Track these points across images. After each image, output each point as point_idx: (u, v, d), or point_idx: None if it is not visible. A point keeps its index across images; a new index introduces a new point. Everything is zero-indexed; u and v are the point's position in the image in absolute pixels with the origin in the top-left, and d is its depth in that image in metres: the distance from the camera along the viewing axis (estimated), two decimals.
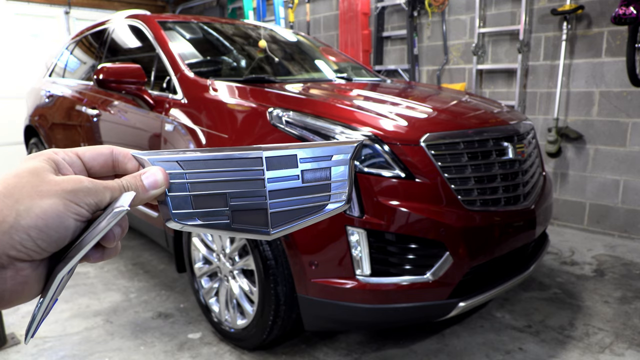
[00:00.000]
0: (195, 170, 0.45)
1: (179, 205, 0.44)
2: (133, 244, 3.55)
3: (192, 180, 0.45)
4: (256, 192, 0.46)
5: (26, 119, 4.27)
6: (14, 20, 6.21)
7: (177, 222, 0.45)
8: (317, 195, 0.49)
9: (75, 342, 2.21)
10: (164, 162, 0.44)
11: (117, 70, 2.35)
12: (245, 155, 0.46)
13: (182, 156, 0.45)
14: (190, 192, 0.45)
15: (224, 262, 2.11)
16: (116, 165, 0.44)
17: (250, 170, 0.46)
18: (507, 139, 2.01)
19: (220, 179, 0.45)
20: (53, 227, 0.36)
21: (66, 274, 0.37)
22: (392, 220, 1.68)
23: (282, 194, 0.48)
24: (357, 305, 1.72)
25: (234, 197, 0.46)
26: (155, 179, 0.43)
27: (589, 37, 3.56)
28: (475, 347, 2.12)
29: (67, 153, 0.42)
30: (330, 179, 0.50)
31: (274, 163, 0.47)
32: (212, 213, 0.45)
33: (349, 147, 0.51)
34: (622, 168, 3.53)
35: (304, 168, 0.49)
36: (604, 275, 2.88)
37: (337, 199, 0.50)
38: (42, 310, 0.37)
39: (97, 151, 0.44)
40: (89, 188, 0.39)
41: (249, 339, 2.04)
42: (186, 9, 7.63)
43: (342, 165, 0.50)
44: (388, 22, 4.95)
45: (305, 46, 3.38)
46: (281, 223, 0.48)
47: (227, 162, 0.46)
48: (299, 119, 1.84)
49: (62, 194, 0.37)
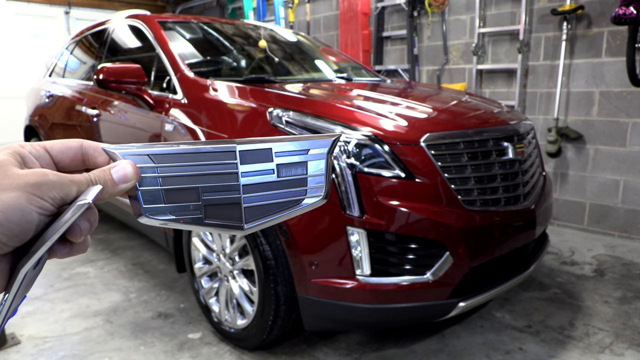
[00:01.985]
0: (166, 164, 0.44)
1: (150, 200, 0.43)
2: (133, 244, 3.55)
3: (163, 174, 0.44)
4: (230, 186, 0.46)
5: (26, 119, 4.27)
6: (14, 20, 6.21)
7: (149, 217, 0.44)
8: (293, 189, 0.49)
9: (75, 342, 2.21)
10: (135, 155, 0.43)
11: (117, 70, 2.35)
12: (218, 148, 0.45)
13: (153, 150, 0.44)
14: (162, 187, 0.44)
15: (224, 262, 2.11)
16: (86, 159, 0.44)
17: (224, 164, 0.45)
18: (507, 139, 2.01)
19: (193, 173, 0.45)
20: (14, 221, 0.35)
21: (30, 268, 0.36)
22: (392, 220, 1.68)
23: (257, 188, 0.47)
24: (357, 305, 1.72)
25: (207, 191, 0.45)
26: (124, 173, 0.42)
27: (589, 37, 3.56)
28: (475, 347, 2.12)
29: (34, 146, 0.41)
30: (306, 173, 0.49)
31: (248, 157, 0.46)
32: (184, 208, 0.44)
33: (326, 142, 0.50)
34: (622, 168, 3.53)
35: (279, 162, 0.48)
36: (604, 275, 2.88)
37: (314, 194, 0.49)
38: (7, 306, 0.36)
39: (66, 145, 0.43)
40: (54, 181, 0.38)
41: (249, 339, 2.04)
42: (186, 9, 7.63)
43: (319, 160, 0.50)
44: (388, 22, 4.95)
45: (305, 46, 3.38)
46: (255, 218, 0.47)
47: (200, 155, 0.45)
48: (299, 119, 1.84)
49: (25, 187, 0.36)
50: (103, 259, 3.27)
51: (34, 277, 0.39)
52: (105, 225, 3.99)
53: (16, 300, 0.37)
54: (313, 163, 0.49)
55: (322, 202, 0.50)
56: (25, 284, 0.38)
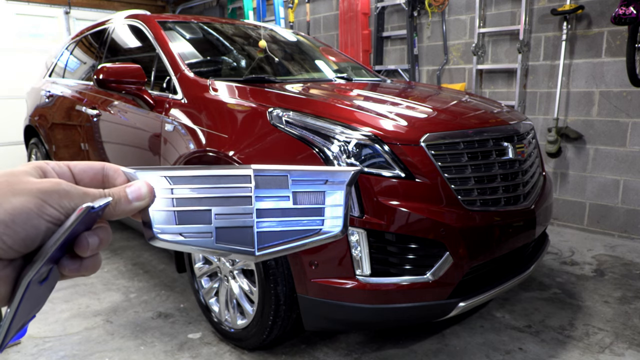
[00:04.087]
0: (182, 185, 0.44)
1: (162, 221, 0.43)
2: (133, 244, 3.55)
3: (178, 196, 0.44)
4: (243, 209, 0.45)
5: (26, 119, 4.27)
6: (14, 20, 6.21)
7: (160, 240, 0.43)
8: (309, 218, 0.47)
9: (75, 342, 2.21)
10: (152, 177, 0.44)
11: (117, 71, 2.35)
12: (234, 172, 0.45)
13: (171, 172, 0.44)
14: (176, 208, 0.44)
15: (223, 262, 2.11)
16: (106, 180, 0.44)
17: (239, 187, 0.45)
18: (507, 139, 2.01)
19: (207, 195, 0.44)
20: (20, 224, 0.36)
21: (34, 278, 0.35)
22: (392, 220, 1.68)
23: (271, 213, 0.46)
24: (357, 305, 1.72)
25: (220, 213, 0.44)
26: (139, 192, 0.43)
27: (589, 37, 3.56)
28: (475, 347, 2.12)
29: (58, 164, 0.42)
30: (324, 203, 0.48)
31: (264, 182, 0.46)
32: (196, 230, 0.44)
33: (346, 174, 0.49)
34: (622, 168, 3.53)
35: (295, 190, 0.47)
36: (604, 275, 2.88)
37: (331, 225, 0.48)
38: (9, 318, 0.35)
39: (89, 165, 0.44)
40: (67, 191, 0.38)
41: (249, 339, 2.04)
42: (186, 9, 7.63)
43: (338, 191, 0.48)
44: (388, 22, 4.95)
45: (305, 46, 3.38)
46: (268, 244, 0.46)
47: (216, 178, 0.45)
48: (299, 119, 1.84)
49: (36, 193, 0.37)
50: (103, 259, 3.26)
51: (44, 293, 0.39)
52: None
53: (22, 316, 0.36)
54: (331, 194, 0.48)
55: (340, 236, 0.49)
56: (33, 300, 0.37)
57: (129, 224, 3.08)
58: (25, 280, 0.35)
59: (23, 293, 0.35)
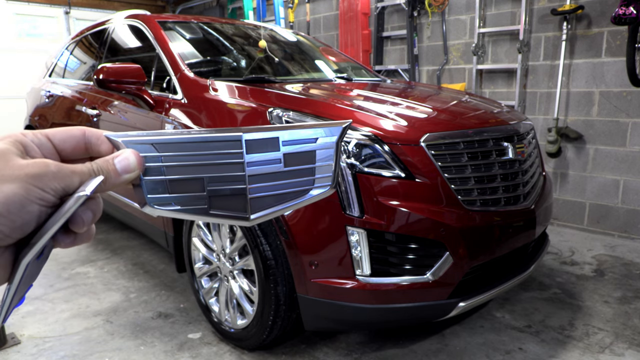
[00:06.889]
0: (171, 153, 0.43)
1: (154, 190, 0.43)
2: (133, 244, 3.55)
3: (168, 164, 0.43)
4: (235, 176, 0.44)
5: (26, 119, 4.27)
6: (14, 20, 6.21)
7: (153, 207, 0.43)
8: (300, 179, 0.47)
9: (75, 342, 2.21)
10: (139, 144, 0.42)
11: (117, 70, 2.35)
12: (224, 137, 0.44)
13: (158, 138, 0.43)
14: (166, 176, 0.43)
15: (224, 262, 2.11)
16: (89, 148, 0.43)
17: (229, 153, 0.44)
18: (507, 139, 2.01)
19: (198, 163, 0.43)
20: (15, 212, 0.35)
21: (32, 259, 0.36)
22: (392, 220, 1.68)
23: (263, 178, 0.46)
24: (357, 305, 1.72)
25: (212, 181, 0.44)
26: (128, 163, 0.41)
27: (589, 37, 3.56)
28: (475, 347, 2.12)
29: (36, 135, 0.40)
30: (315, 162, 0.48)
31: (254, 146, 0.45)
32: (189, 198, 0.44)
33: (336, 129, 0.48)
34: (622, 168, 3.53)
35: (286, 151, 0.46)
36: (604, 275, 2.88)
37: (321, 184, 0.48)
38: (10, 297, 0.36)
39: (68, 133, 0.42)
40: (55, 172, 0.37)
41: (249, 339, 2.04)
42: (186, 9, 7.63)
43: (328, 148, 0.48)
44: (388, 22, 4.95)
45: (305, 46, 3.38)
46: (261, 208, 0.46)
47: (205, 144, 0.44)
48: (299, 119, 1.84)
49: (26, 179, 0.36)
50: (103, 259, 3.27)
51: (38, 267, 0.39)
52: (105, 225, 3.99)
53: (21, 289, 0.37)
54: (322, 152, 0.48)
55: (330, 192, 0.49)
56: (30, 274, 0.37)
57: (129, 223, 3.08)
58: (25, 262, 0.36)
59: (22, 273, 0.36)
